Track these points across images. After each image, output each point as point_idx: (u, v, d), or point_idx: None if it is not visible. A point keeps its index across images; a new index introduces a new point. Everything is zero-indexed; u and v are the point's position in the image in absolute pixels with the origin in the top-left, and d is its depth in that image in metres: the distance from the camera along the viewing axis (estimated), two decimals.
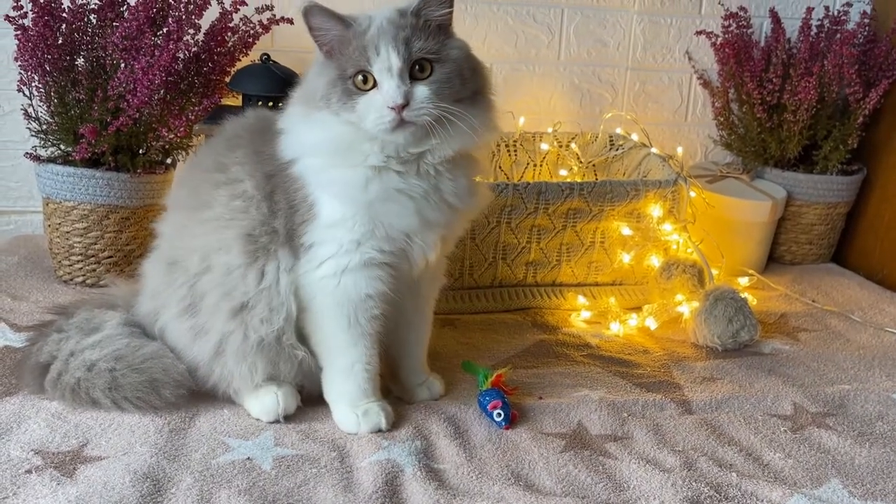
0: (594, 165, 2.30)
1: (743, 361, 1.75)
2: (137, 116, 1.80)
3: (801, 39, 2.34)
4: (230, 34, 1.94)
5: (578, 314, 1.96)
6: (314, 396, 1.44)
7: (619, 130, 2.32)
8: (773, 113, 2.32)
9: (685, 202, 1.98)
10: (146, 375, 1.38)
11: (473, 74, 1.33)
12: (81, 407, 1.38)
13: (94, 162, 1.88)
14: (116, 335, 1.44)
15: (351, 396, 1.39)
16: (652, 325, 1.90)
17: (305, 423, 1.41)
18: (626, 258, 2.01)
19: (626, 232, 1.98)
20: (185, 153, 1.96)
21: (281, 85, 1.92)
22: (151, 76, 1.75)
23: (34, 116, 1.88)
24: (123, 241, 1.93)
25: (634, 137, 2.27)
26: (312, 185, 1.34)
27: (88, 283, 1.94)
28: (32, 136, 1.91)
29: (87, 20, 1.84)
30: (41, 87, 1.84)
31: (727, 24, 2.36)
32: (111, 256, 1.93)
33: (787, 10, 2.48)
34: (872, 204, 2.40)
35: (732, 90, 2.40)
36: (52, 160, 1.91)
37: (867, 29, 2.35)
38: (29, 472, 1.22)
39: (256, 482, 1.23)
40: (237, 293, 1.36)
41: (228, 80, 2.00)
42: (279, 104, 1.68)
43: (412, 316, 1.49)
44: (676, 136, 2.57)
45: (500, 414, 1.42)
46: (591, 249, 2.00)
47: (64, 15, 1.82)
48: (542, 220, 1.94)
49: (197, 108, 1.87)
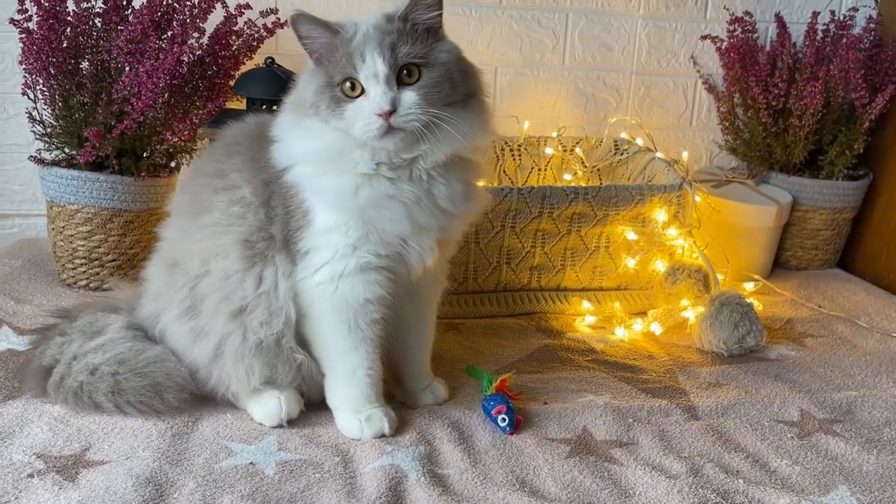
0: (599, 170, 2.30)
1: (749, 367, 1.74)
2: (142, 120, 1.80)
3: (806, 44, 2.33)
4: (234, 38, 1.94)
5: (583, 319, 1.95)
6: (314, 401, 1.44)
7: (623, 135, 2.32)
8: (778, 118, 2.31)
9: (690, 207, 1.97)
10: (149, 379, 1.38)
11: (464, 77, 1.31)
12: (84, 411, 1.38)
13: (98, 165, 1.88)
14: (119, 339, 1.44)
15: (353, 402, 1.38)
16: (657, 330, 1.89)
17: (309, 427, 1.40)
18: (630, 263, 2.00)
19: (631, 237, 1.98)
20: (189, 157, 1.96)
21: (285, 89, 1.91)
22: (156, 80, 1.75)
23: (38, 120, 1.88)
24: (127, 244, 1.93)
25: (639, 142, 2.26)
26: (306, 191, 1.33)
27: (92, 286, 1.94)
28: (37, 139, 1.91)
29: (91, 23, 1.84)
30: (45, 90, 1.84)
31: (732, 28, 2.36)
32: (115, 260, 1.93)
33: (792, 14, 2.48)
34: (878, 209, 2.39)
35: (738, 95, 2.39)
36: (56, 163, 1.91)
37: (873, 33, 2.34)
38: (31, 476, 1.21)
39: (259, 487, 1.23)
40: (236, 297, 1.36)
41: (232, 83, 2.00)
42: None
43: (414, 320, 1.48)
44: (681, 140, 2.56)
45: (504, 419, 1.41)
46: (595, 254, 2.00)
47: (68, 18, 1.82)
48: (546, 224, 1.93)
49: (201, 111, 1.87)
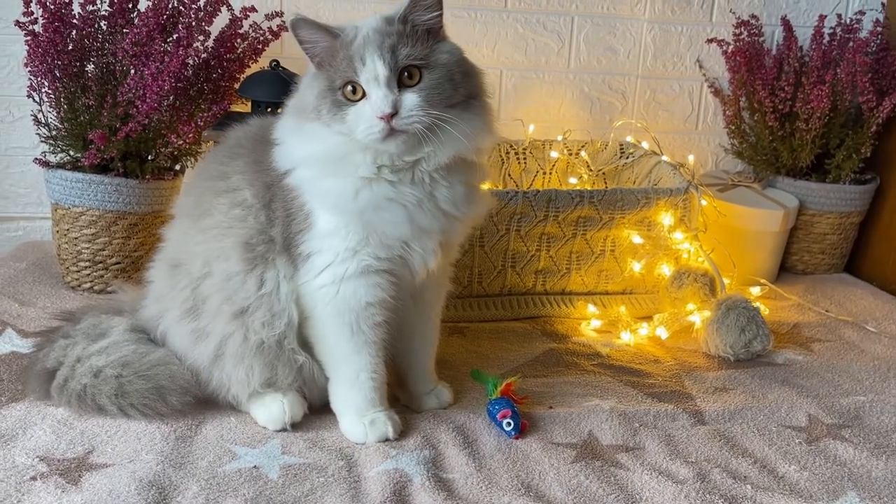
0: (604, 173, 2.29)
1: (756, 372, 1.73)
2: (147, 122, 1.80)
3: (813, 47, 2.33)
4: (240, 40, 1.94)
5: (588, 323, 1.94)
6: (315, 405, 1.43)
7: (629, 139, 2.31)
8: (785, 121, 2.30)
9: (696, 211, 1.96)
10: (153, 382, 1.37)
11: (466, 78, 1.30)
12: (87, 413, 1.38)
13: (102, 168, 1.88)
14: (123, 341, 1.43)
15: (357, 406, 1.38)
16: (663, 334, 1.88)
17: (313, 431, 1.39)
18: (636, 267, 1.99)
19: (636, 240, 1.97)
20: (193, 159, 1.96)
21: (290, 92, 1.91)
22: (161, 82, 1.75)
23: (44, 122, 1.88)
24: (131, 247, 1.93)
25: (645, 146, 2.26)
26: (307, 194, 1.33)
27: (96, 289, 1.93)
28: (42, 141, 1.91)
29: (97, 26, 1.85)
30: (51, 92, 1.84)
31: (738, 32, 2.35)
32: (119, 262, 1.93)
33: (799, 18, 2.47)
34: (886, 213, 2.38)
35: (744, 98, 2.38)
36: (61, 166, 1.91)
37: (880, 37, 2.34)
38: (34, 478, 1.21)
39: (263, 491, 1.22)
40: (238, 298, 1.35)
41: (238, 86, 2.00)
42: None
43: (418, 323, 1.48)
44: (687, 144, 2.55)
45: (509, 423, 1.40)
46: (601, 258, 1.99)
47: (74, 21, 1.82)
48: (551, 228, 1.92)
49: (206, 114, 1.87)
